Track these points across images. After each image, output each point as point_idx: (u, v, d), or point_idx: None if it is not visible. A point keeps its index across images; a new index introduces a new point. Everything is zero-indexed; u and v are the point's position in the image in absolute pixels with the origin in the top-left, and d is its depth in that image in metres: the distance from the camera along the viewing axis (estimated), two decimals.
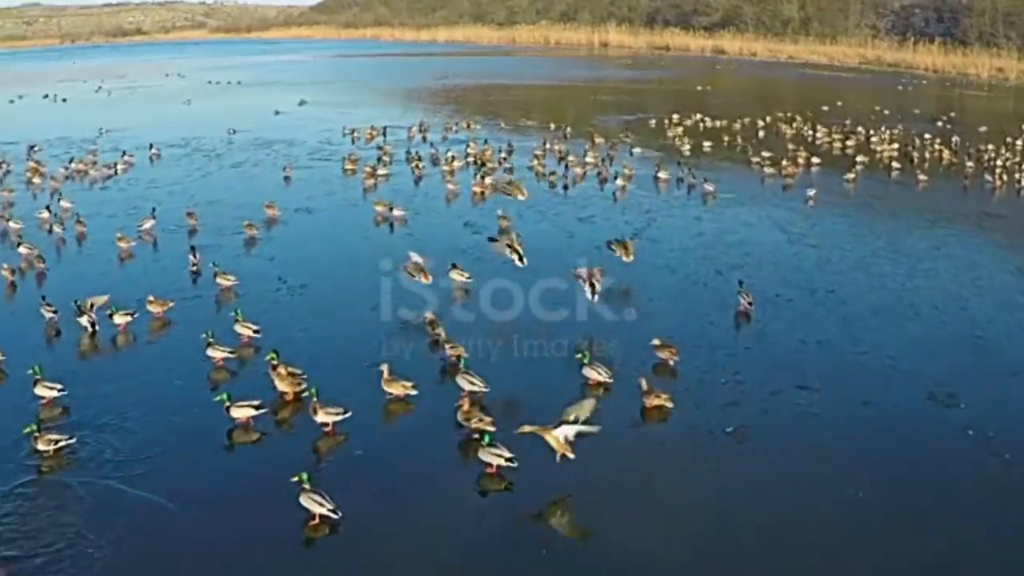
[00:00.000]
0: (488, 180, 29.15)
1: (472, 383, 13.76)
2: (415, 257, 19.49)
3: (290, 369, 14.07)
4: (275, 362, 14.04)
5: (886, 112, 52.75)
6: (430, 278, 18.84)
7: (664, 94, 67.01)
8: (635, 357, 15.33)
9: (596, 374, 14.32)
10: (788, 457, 12.50)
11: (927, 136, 40.83)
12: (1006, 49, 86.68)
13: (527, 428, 11.82)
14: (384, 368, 13.88)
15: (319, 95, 62.29)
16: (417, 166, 32.28)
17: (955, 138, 40.49)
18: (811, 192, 28.59)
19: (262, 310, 17.90)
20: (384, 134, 41.58)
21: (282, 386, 13.76)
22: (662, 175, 30.96)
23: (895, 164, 34.97)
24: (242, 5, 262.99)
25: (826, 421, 13.46)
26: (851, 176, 31.85)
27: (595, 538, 10.82)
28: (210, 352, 15.25)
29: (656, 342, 15.30)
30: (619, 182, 29.79)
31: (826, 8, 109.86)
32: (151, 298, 17.69)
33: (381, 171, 31.40)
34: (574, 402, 12.07)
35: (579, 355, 14.71)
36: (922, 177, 32.06)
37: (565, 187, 29.90)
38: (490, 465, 11.84)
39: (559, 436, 11.67)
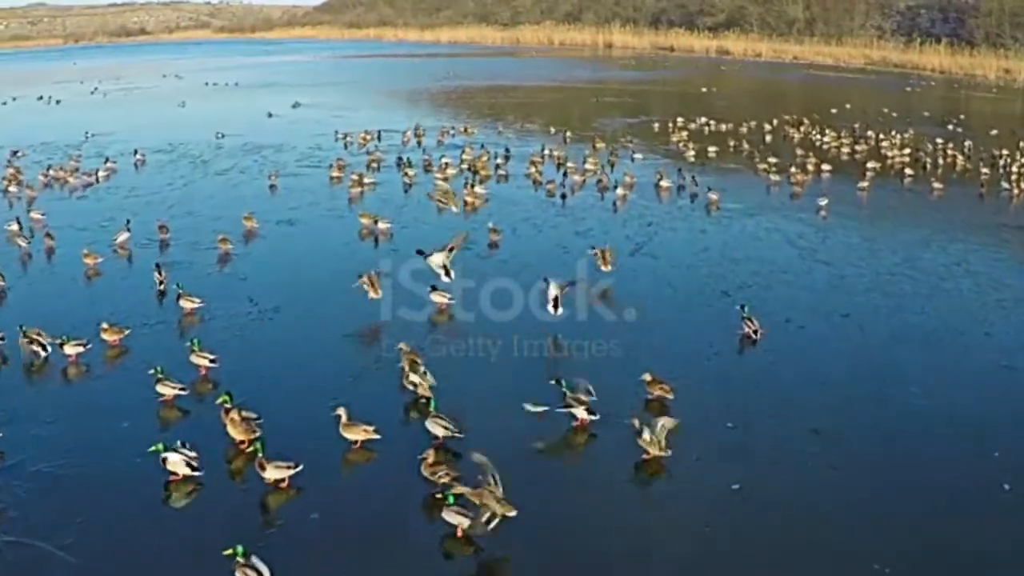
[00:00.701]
0: (479, 189, 27.59)
1: (444, 428, 12.20)
2: (372, 272, 18.19)
3: (244, 413, 12.47)
4: (227, 405, 12.46)
5: (894, 114, 51.27)
6: (379, 292, 17.64)
7: (668, 96, 65.41)
8: (628, 391, 13.72)
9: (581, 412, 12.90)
10: (803, 521, 10.90)
11: (939, 140, 39.18)
12: (1013, 50, 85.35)
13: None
14: (342, 412, 12.30)
15: (315, 97, 60.79)
16: (407, 174, 30.68)
17: (967, 142, 38.79)
18: (823, 202, 26.99)
19: (227, 337, 16.40)
20: (378, 138, 40.03)
21: (234, 433, 12.18)
22: (664, 183, 29.38)
23: (907, 171, 33.32)
24: (247, 5, 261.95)
25: (844, 476, 11.84)
26: (864, 185, 30.23)
27: None
28: (160, 389, 13.70)
29: (647, 377, 13.70)
30: (619, 191, 28.19)
31: (831, 9, 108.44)
32: (105, 325, 16.09)
33: (368, 179, 29.84)
34: None
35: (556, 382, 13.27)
36: (936, 185, 30.39)
37: (563, 196, 28.31)
38: (455, 527, 10.30)
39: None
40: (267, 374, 14.93)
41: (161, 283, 18.96)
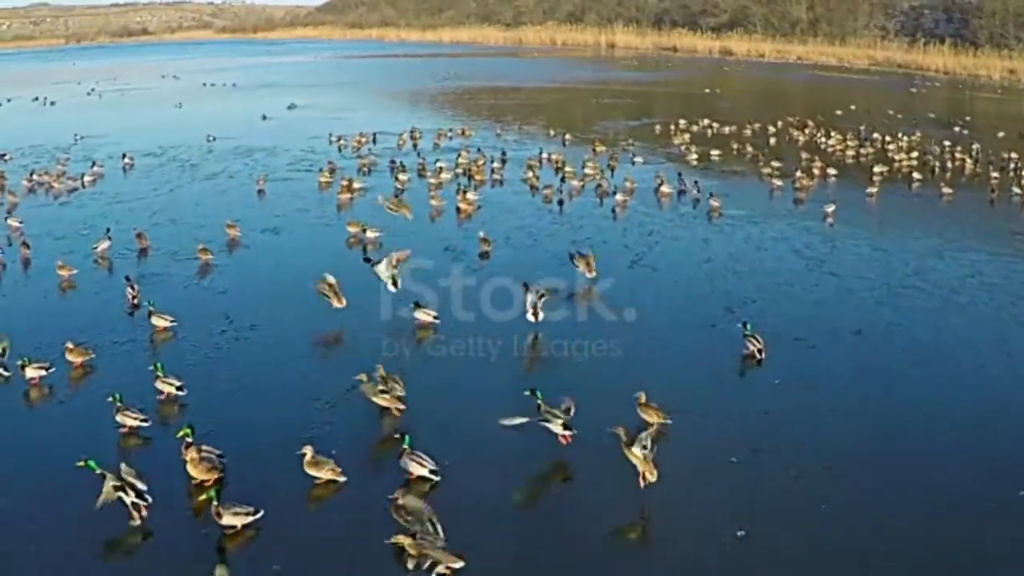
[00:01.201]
0: (471, 196, 26.50)
1: (420, 465, 11.13)
2: (329, 278, 17.24)
3: (206, 449, 11.41)
4: (188, 439, 11.40)
5: (899, 116, 50.25)
6: (344, 301, 16.88)
7: (670, 97, 64.32)
8: (623, 415, 12.58)
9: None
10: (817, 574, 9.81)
11: (946, 143, 38.06)
12: (1017, 51, 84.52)
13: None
14: (307, 450, 11.26)
15: (313, 98, 59.73)
16: (399, 179, 29.61)
17: (975, 145, 37.62)
18: (830, 208, 25.89)
19: (199, 359, 15.37)
20: (374, 141, 38.97)
21: (194, 472, 11.12)
22: (664, 189, 28.28)
23: (916, 175, 32.18)
24: (249, 5, 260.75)
25: (861, 521, 10.71)
26: (872, 190, 29.13)
27: None
28: (120, 419, 12.64)
29: (641, 397, 12.65)
30: (619, 197, 27.09)
31: (835, 9, 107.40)
32: (70, 345, 15.04)
33: (358, 184, 28.76)
34: None
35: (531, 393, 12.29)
36: (946, 190, 29.27)
37: (560, 203, 27.18)
38: None
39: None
40: (237, 400, 13.88)
41: (134, 298, 17.92)
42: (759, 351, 15.09)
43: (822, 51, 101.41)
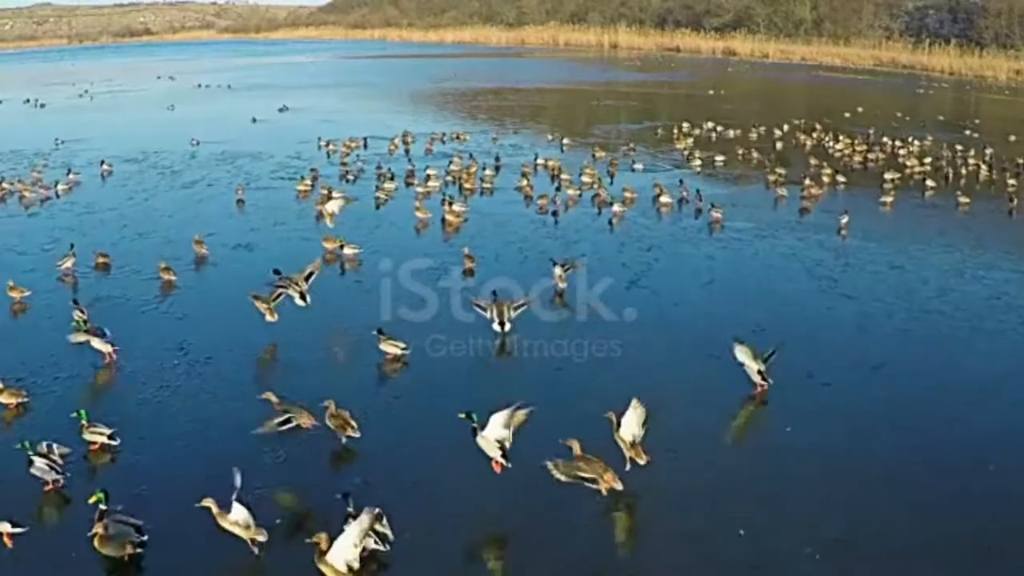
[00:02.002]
0: (458, 207, 24.71)
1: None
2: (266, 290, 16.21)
3: (120, 520, 9.70)
4: (102, 506, 9.73)
5: (907, 118, 48.65)
6: (276, 316, 15.93)
7: (673, 99, 62.55)
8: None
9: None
10: None
11: (958, 147, 36.34)
12: (1022, 51, 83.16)
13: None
14: (210, 504, 9.61)
15: (307, 100, 58.05)
16: (383, 188, 27.86)
17: (988, 150, 35.82)
18: (843, 220, 24.13)
19: (142, 399, 13.69)
20: (364, 146, 37.24)
21: (102, 549, 9.44)
22: (664, 199, 26.50)
23: (929, 183, 30.38)
24: (252, 5, 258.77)
25: None
26: (887, 200, 27.36)
27: None
28: (34, 471, 10.96)
29: (624, 439, 11.04)
30: (616, 208, 25.31)
31: (839, 9, 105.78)
32: (0, 386, 13.33)
33: (337, 193, 26.95)
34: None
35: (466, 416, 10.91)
36: (962, 199, 27.49)
37: (555, 214, 25.43)
38: None
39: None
40: (178, 449, 12.18)
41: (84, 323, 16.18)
42: (764, 378, 13.32)
43: (826, 52, 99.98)
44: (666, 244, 22.57)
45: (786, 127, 42.51)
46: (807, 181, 28.66)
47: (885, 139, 39.14)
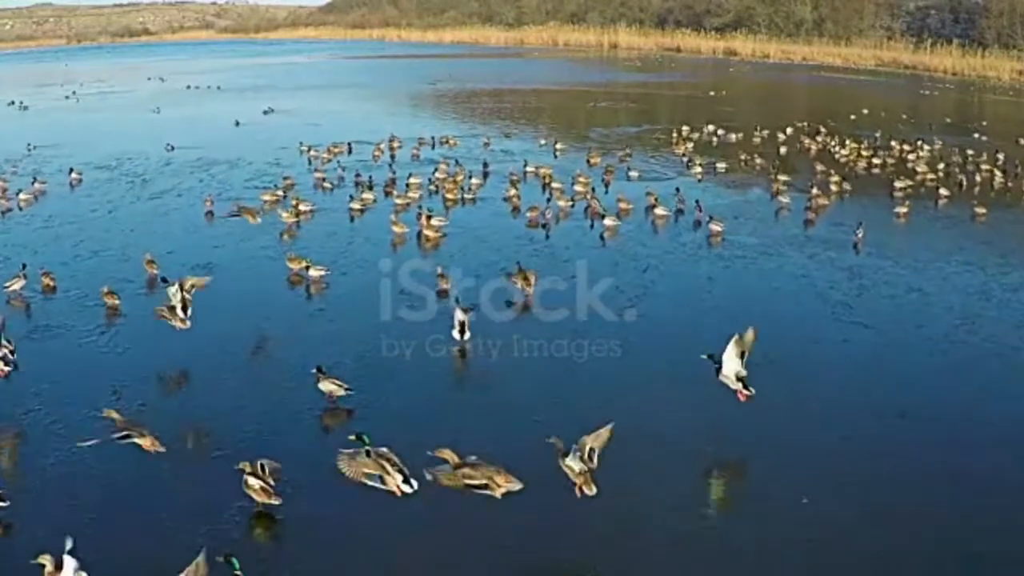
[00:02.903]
0: (436, 221, 22.69)
1: None
2: (174, 296, 14.82)
3: None
4: None
5: (913, 120, 46.82)
6: (187, 323, 14.80)
7: (673, 100, 60.54)
8: None
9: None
10: None
11: (969, 152, 34.42)
12: None
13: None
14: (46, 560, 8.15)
15: (295, 102, 56.02)
16: (361, 199, 25.93)
17: (1000, 155, 33.87)
18: (859, 234, 22.19)
19: (56, 460, 11.67)
20: (349, 151, 35.29)
21: None
22: (659, 211, 24.55)
23: (943, 191, 28.37)
24: (252, 5, 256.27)
25: None
26: (901, 211, 25.37)
27: None
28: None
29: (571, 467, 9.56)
30: (608, 222, 23.33)
31: (840, 9, 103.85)
32: None
33: (305, 206, 25.06)
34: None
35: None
36: (979, 209, 25.53)
37: (545, 227, 23.46)
38: None
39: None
40: (91, 524, 10.16)
41: (6, 361, 14.21)
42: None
43: (827, 52, 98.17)
44: (663, 263, 20.53)
45: (789, 130, 40.59)
46: (814, 190, 26.69)
47: (892, 143, 37.22)
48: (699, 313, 17.28)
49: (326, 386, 12.85)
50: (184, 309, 14.69)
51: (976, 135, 41.44)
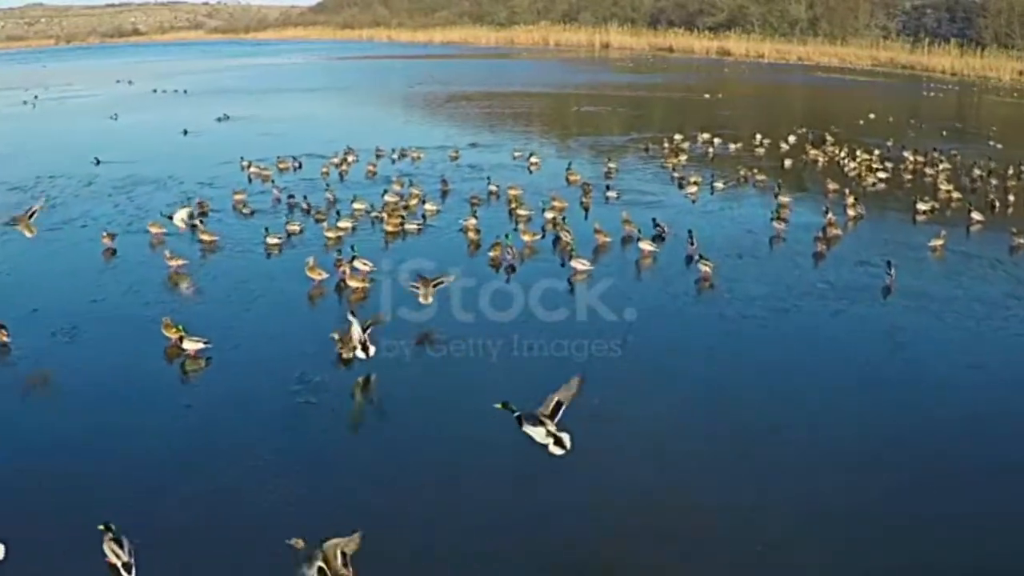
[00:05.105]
0: (361, 264, 17.91)
1: None
2: None
3: None
4: None
5: (923, 126, 42.54)
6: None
7: (666, 104, 55.89)
8: None
9: None
10: None
11: (991, 163, 29.97)
12: None
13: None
14: None
15: (258, 107, 51.08)
16: (289, 230, 21.34)
17: None
18: (890, 276, 17.64)
19: None
20: (299, 166, 30.68)
21: None
22: (645, 247, 19.94)
23: (975, 216, 23.78)
24: (244, 5, 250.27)
25: None
26: (936, 244, 20.75)
27: None
28: None
29: None
30: (577, 265, 18.56)
31: (835, 8, 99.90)
32: None
33: (207, 236, 20.44)
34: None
35: None
36: (1020, 240, 20.96)
37: (511, 269, 18.82)
38: None
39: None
40: None
41: None
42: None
43: (823, 51, 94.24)
44: (647, 325, 15.70)
45: (792, 138, 36.14)
46: (828, 216, 22.13)
47: (905, 153, 32.66)
48: (689, 411, 12.60)
49: (108, 547, 8.45)
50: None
51: (991, 142, 37.41)
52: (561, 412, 9.53)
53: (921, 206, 24.59)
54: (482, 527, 9.59)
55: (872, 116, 44.79)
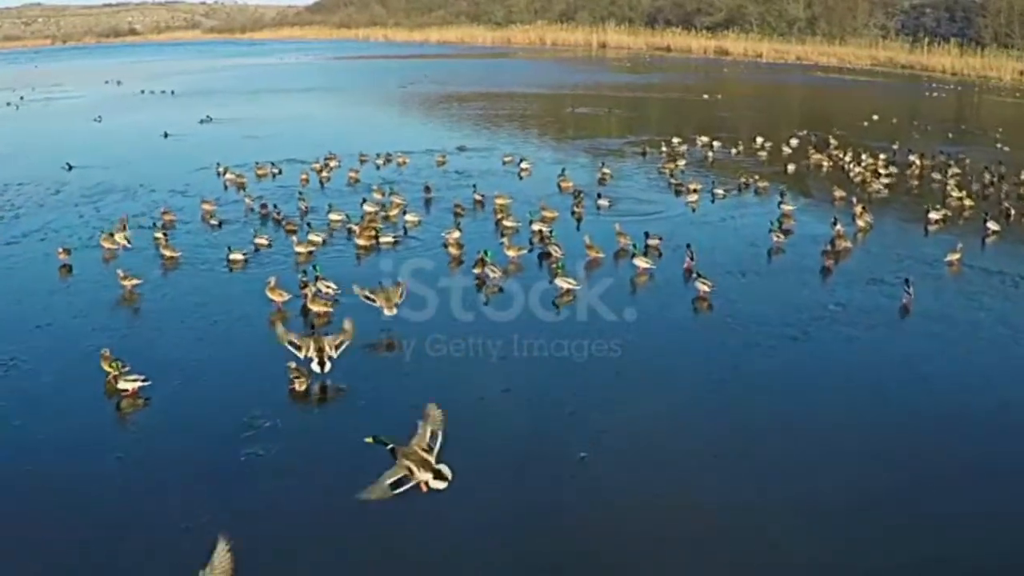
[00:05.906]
0: (325, 286, 16.23)
1: None
2: None
3: None
4: None
5: (928, 128, 41.05)
6: None
7: (663, 105, 54.27)
8: None
9: None
10: None
11: (1002, 167, 28.63)
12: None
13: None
14: None
15: (244, 109, 49.54)
16: (257, 243, 19.72)
17: None
18: (908, 294, 16.04)
19: None
20: (279, 172, 29.07)
21: None
22: (640, 263, 18.30)
23: (991, 226, 22.15)
24: (240, 5, 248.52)
25: None
26: (953, 258, 19.13)
27: None
28: None
29: None
30: (562, 284, 16.97)
31: (834, 7, 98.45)
32: None
33: (168, 252, 18.83)
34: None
35: None
36: None
37: (499, 290, 17.16)
38: None
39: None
40: None
41: None
42: None
43: (822, 51, 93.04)
44: (640, 359, 14.06)
45: (794, 142, 34.56)
46: (838, 227, 20.56)
47: (911, 156, 31.03)
48: (690, 475, 10.97)
49: None
50: None
51: (998, 145, 35.94)
52: (438, 443, 9.24)
53: (933, 215, 23.09)
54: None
55: (875, 118, 43.22)
